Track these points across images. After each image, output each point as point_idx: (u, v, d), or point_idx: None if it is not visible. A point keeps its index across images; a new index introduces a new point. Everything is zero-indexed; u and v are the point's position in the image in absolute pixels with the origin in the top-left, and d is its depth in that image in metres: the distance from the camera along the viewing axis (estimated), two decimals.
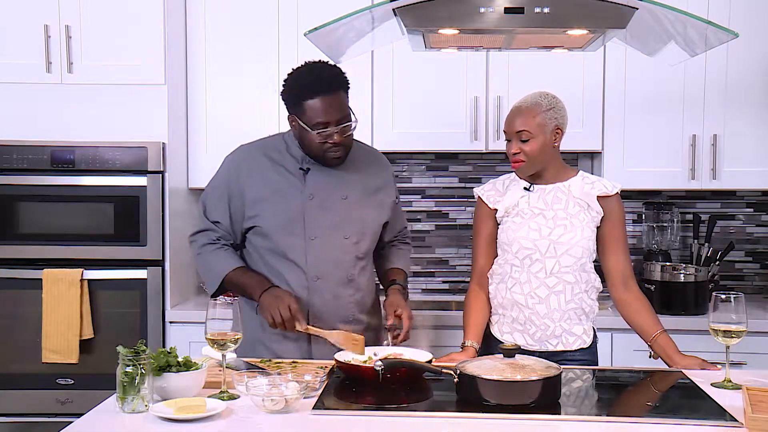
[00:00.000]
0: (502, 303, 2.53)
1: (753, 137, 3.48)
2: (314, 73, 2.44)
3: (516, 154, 2.47)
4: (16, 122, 3.33)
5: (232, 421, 1.89)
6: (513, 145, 2.47)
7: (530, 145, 2.45)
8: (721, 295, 2.18)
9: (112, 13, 3.32)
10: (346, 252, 2.54)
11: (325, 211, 2.51)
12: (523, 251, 2.47)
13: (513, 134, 2.47)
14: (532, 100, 2.47)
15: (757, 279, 3.87)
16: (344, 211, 2.53)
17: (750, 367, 3.01)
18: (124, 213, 3.33)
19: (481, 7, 2.14)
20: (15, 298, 3.35)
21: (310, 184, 2.52)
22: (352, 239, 2.55)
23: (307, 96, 2.41)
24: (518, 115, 2.46)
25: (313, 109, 2.41)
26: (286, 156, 2.55)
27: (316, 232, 2.50)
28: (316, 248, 2.50)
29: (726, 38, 2.26)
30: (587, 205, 2.49)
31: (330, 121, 2.41)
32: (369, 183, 2.60)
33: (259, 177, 2.52)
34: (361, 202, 2.57)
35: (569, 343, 2.47)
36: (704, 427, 1.85)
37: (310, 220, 2.50)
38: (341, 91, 2.46)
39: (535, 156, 2.45)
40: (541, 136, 2.45)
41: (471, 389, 1.99)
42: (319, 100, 2.40)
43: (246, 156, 2.57)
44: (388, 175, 2.69)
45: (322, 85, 2.41)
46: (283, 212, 2.50)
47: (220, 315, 2.04)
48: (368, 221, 2.59)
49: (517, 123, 2.45)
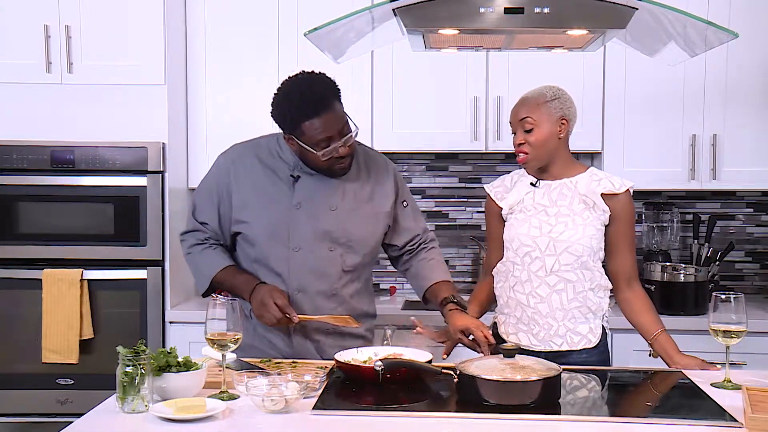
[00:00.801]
0: (507, 302, 2.51)
1: (753, 137, 3.48)
2: (305, 91, 2.33)
3: (520, 145, 2.44)
4: (16, 122, 3.33)
5: (232, 421, 1.89)
6: (517, 136, 2.45)
7: (534, 135, 2.41)
8: (721, 296, 2.18)
9: (112, 13, 3.32)
10: (331, 264, 2.46)
11: (311, 221, 2.43)
12: (523, 248, 2.45)
13: (517, 123, 2.44)
14: (537, 91, 2.46)
15: (757, 279, 3.87)
16: (332, 222, 2.44)
17: (750, 367, 3.01)
18: (123, 213, 3.33)
19: (481, 7, 2.14)
20: (15, 299, 3.35)
21: (299, 193, 2.45)
22: (338, 252, 2.46)
23: (303, 118, 2.31)
24: (523, 104, 2.45)
25: (313, 129, 2.31)
26: (278, 160, 2.48)
27: (301, 243, 2.43)
28: (299, 259, 2.44)
29: (726, 38, 2.26)
30: (593, 203, 2.44)
31: (332, 136, 2.33)
32: (363, 191, 2.50)
33: (248, 181, 2.47)
34: (351, 213, 2.47)
35: (574, 342, 2.44)
36: (704, 427, 1.84)
37: (295, 230, 2.43)
38: (335, 101, 2.35)
39: (540, 146, 2.42)
40: (546, 125, 2.41)
41: (471, 389, 1.99)
42: (317, 120, 2.30)
43: (237, 158, 2.51)
44: (387, 177, 2.56)
45: (316, 103, 2.30)
46: (269, 220, 2.44)
47: (219, 315, 2.04)
48: (357, 234, 2.48)
49: (521, 111, 2.44)
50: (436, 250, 2.65)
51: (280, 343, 2.49)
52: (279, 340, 2.49)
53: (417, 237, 2.64)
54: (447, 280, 2.56)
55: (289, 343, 2.49)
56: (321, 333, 2.49)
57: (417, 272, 2.60)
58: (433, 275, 2.55)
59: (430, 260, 2.61)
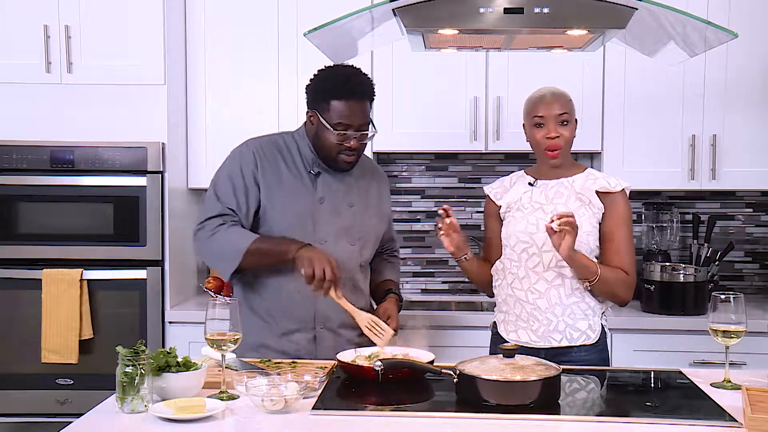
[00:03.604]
0: (506, 300, 2.53)
1: (752, 137, 3.48)
2: (347, 76, 2.45)
3: (556, 138, 2.45)
4: (16, 122, 3.33)
5: (232, 422, 1.89)
6: (551, 130, 2.45)
7: (569, 129, 2.47)
8: (720, 296, 2.18)
9: (112, 13, 3.32)
10: (352, 258, 2.54)
11: (334, 216, 2.52)
12: (521, 245, 2.47)
13: (552, 117, 2.45)
14: (557, 89, 2.50)
15: (757, 279, 3.87)
16: (351, 217, 2.55)
17: (750, 367, 3.01)
18: (123, 213, 3.33)
19: (481, 7, 2.14)
20: (14, 299, 3.35)
21: (321, 188, 2.52)
22: (358, 246, 2.56)
23: (335, 95, 2.41)
24: (556, 99, 2.47)
25: (338, 110, 2.41)
26: (297, 156, 2.55)
27: (326, 236, 2.50)
28: (325, 252, 2.47)
29: (726, 38, 2.26)
30: (588, 201, 2.47)
31: (352, 125, 2.42)
32: (371, 192, 2.63)
33: (273, 172, 2.50)
34: (366, 210, 2.59)
35: (573, 338, 2.45)
36: (704, 427, 1.85)
37: (321, 224, 2.50)
38: (367, 100, 2.47)
39: (571, 140, 2.49)
40: (574, 122, 2.50)
41: (471, 389, 1.99)
42: (346, 102, 2.41)
43: (259, 148, 2.53)
44: (385, 187, 2.72)
45: (353, 88, 2.42)
46: (295, 212, 2.49)
47: (219, 315, 2.04)
48: (371, 230, 2.61)
49: (557, 106, 2.46)
50: (397, 260, 2.86)
51: (302, 339, 2.50)
52: (302, 338, 2.50)
53: (388, 245, 2.82)
54: (397, 283, 2.75)
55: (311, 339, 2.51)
56: (345, 327, 2.52)
57: (376, 268, 2.74)
58: (391, 275, 2.75)
59: (390, 263, 2.80)
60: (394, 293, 2.65)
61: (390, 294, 2.64)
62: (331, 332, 2.52)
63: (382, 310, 2.56)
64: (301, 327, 2.50)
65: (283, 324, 2.50)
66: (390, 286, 2.69)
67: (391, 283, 2.71)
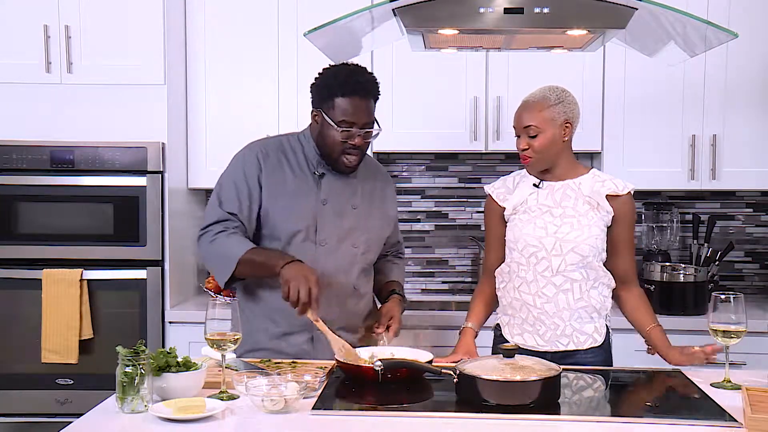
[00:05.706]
0: (511, 303, 2.50)
1: (752, 137, 3.48)
2: (352, 74, 2.45)
3: (524, 150, 2.44)
4: (16, 122, 3.33)
5: (232, 421, 1.89)
6: (521, 141, 2.44)
7: (538, 141, 2.41)
8: (720, 296, 2.18)
9: (112, 13, 3.32)
10: (354, 261, 2.53)
11: (337, 218, 2.50)
12: (529, 249, 2.44)
13: (521, 129, 2.44)
14: (540, 94, 2.44)
15: (757, 279, 3.87)
16: (354, 220, 2.53)
17: (750, 367, 3.01)
18: (123, 213, 3.33)
19: (481, 7, 2.14)
20: (14, 298, 3.35)
21: (325, 189, 2.51)
22: (360, 249, 2.54)
23: (341, 93, 2.41)
24: (525, 109, 2.44)
25: (343, 108, 2.41)
26: (301, 157, 2.54)
27: (327, 238, 2.49)
28: (325, 254, 2.48)
29: (726, 38, 2.26)
30: (597, 204, 2.45)
31: (356, 122, 2.42)
32: (375, 195, 2.61)
33: (277, 174, 2.49)
34: (370, 212, 2.57)
35: (580, 342, 2.44)
36: (704, 427, 1.85)
37: (323, 226, 2.49)
38: (372, 98, 2.48)
39: (544, 151, 2.42)
40: (550, 130, 2.41)
41: (471, 389, 1.99)
42: (351, 100, 2.41)
43: (263, 151, 2.53)
44: (391, 189, 2.70)
45: (357, 86, 2.42)
46: (298, 213, 2.48)
47: (219, 315, 2.04)
48: (375, 232, 2.59)
49: (525, 118, 2.43)
50: (402, 260, 2.84)
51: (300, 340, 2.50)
52: (300, 339, 2.50)
53: (394, 247, 2.80)
54: (401, 282, 2.74)
55: (309, 341, 2.50)
56: (342, 330, 2.50)
57: (381, 269, 2.73)
58: (396, 277, 2.74)
59: (395, 264, 2.78)
60: (397, 294, 2.65)
61: (393, 295, 2.64)
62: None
63: (385, 310, 2.56)
64: (299, 329, 2.49)
65: (281, 326, 2.50)
66: (394, 287, 2.68)
67: (395, 284, 2.70)
